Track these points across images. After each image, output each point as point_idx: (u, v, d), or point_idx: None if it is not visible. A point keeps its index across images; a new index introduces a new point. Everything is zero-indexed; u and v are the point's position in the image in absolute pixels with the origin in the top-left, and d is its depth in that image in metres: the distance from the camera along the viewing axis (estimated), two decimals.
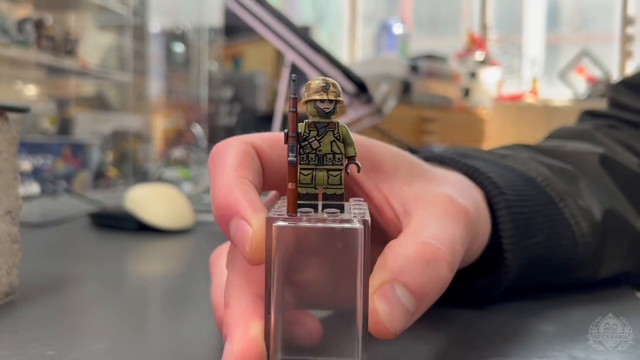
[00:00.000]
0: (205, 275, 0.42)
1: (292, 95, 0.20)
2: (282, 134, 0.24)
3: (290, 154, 0.20)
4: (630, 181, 0.39)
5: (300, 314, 0.23)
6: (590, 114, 0.48)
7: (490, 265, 0.31)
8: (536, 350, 0.25)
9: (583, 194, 0.35)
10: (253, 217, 0.20)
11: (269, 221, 0.19)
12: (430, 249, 0.22)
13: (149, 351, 0.26)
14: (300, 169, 0.20)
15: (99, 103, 2.69)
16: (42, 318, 0.30)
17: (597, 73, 3.43)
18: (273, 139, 0.25)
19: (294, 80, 0.20)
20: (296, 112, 0.20)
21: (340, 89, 0.21)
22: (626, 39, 3.64)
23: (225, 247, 0.27)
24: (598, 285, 0.36)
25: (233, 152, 0.23)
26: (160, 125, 2.99)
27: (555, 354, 0.25)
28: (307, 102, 0.21)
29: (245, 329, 0.20)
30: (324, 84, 0.21)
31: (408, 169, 0.27)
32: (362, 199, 0.23)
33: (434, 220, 0.24)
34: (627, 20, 3.63)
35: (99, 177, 2.18)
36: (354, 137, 0.27)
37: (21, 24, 2.08)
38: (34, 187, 0.97)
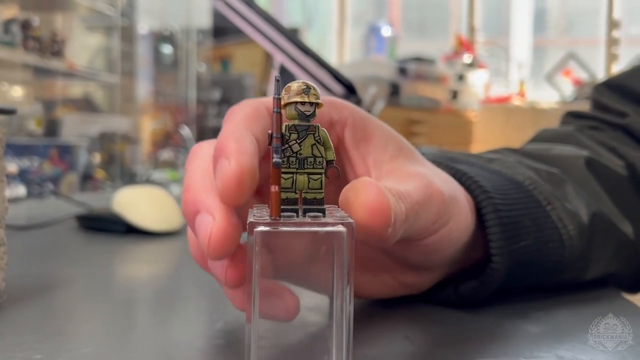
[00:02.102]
0: (194, 277, 0.42)
1: (276, 96, 0.20)
2: None
3: (275, 156, 0.20)
4: (615, 184, 0.39)
5: (278, 286, 0.23)
6: (573, 115, 0.49)
7: (478, 269, 0.31)
8: (523, 351, 0.26)
9: (570, 197, 0.35)
10: (234, 156, 0.21)
11: (251, 226, 0.19)
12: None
13: (136, 354, 0.25)
14: (281, 172, 0.20)
15: (86, 105, 2.67)
16: (29, 321, 0.30)
17: (583, 76, 3.47)
18: None
19: (277, 81, 0.20)
20: (280, 113, 0.20)
21: (319, 92, 0.21)
22: (612, 42, 3.68)
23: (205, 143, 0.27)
24: (584, 286, 0.36)
25: (244, 109, 0.24)
26: (148, 127, 2.98)
27: (541, 354, 0.25)
28: (287, 104, 0.20)
29: (228, 209, 0.21)
30: (305, 87, 0.20)
31: (398, 147, 0.28)
32: (336, 206, 0.22)
33: (394, 182, 0.25)
34: (612, 24, 3.67)
35: (87, 179, 2.17)
36: (353, 106, 0.28)
37: (7, 24, 2.06)
38: (20, 190, 0.97)
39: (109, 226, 0.58)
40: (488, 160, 0.36)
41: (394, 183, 0.25)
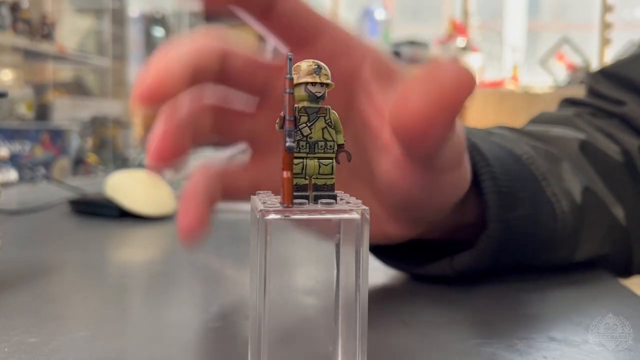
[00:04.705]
0: (188, 261, 0.42)
1: (288, 76, 0.19)
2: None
3: (288, 140, 0.19)
4: (609, 168, 0.40)
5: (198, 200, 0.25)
6: (570, 102, 0.49)
7: (474, 240, 0.31)
8: (516, 333, 0.26)
9: (565, 175, 0.36)
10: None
11: (262, 214, 0.18)
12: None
13: (132, 337, 0.26)
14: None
15: (77, 88, 2.65)
16: (23, 306, 0.29)
17: (577, 60, 3.46)
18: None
19: (290, 59, 0.19)
20: (293, 94, 0.19)
21: (329, 72, 0.20)
22: (605, 27, 3.67)
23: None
24: (577, 269, 0.36)
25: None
26: (140, 111, 2.95)
27: (534, 335, 0.25)
28: (296, 85, 0.19)
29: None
30: (316, 66, 0.19)
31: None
32: (344, 192, 0.22)
33: None
34: (606, 8, 3.67)
35: (79, 163, 2.16)
36: (371, 45, 0.28)
37: None
38: (12, 174, 0.96)
39: (102, 211, 0.58)
40: (488, 133, 0.36)
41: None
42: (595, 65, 3.24)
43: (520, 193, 0.32)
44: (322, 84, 0.20)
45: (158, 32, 3.07)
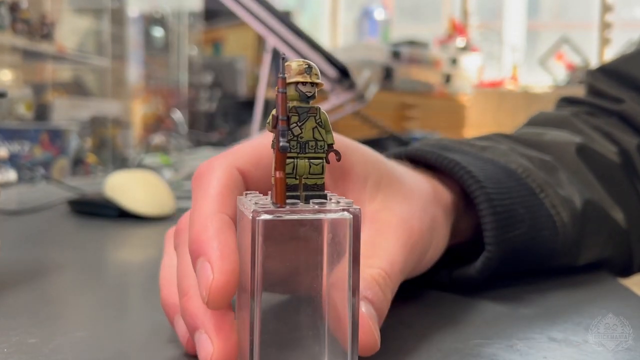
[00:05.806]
0: None
1: (281, 75, 0.19)
2: (263, 143, 0.24)
3: (281, 139, 0.19)
4: (607, 171, 0.39)
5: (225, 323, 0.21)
6: (567, 101, 0.49)
7: (474, 256, 0.31)
8: (516, 333, 0.26)
9: (563, 184, 0.35)
10: (217, 263, 0.19)
11: (254, 215, 0.18)
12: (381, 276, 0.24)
13: (131, 337, 0.26)
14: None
15: (77, 88, 2.64)
16: (22, 306, 0.29)
17: (576, 60, 3.47)
18: (257, 155, 0.24)
19: (284, 59, 0.19)
20: (286, 93, 0.19)
21: (319, 72, 0.20)
22: (605, 26, 3.68)
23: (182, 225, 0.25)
24: (577, 270, 0.36)
25: (216, 178, 0.22)
26: (139, 111, 2.95)
27: (535, 336, 0.25)
28: (286, 85, 0.19)
29: (227, 329, 0.20)
30: (306, 66, 0.19)
31: (377, 178, 0.27)
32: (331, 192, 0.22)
33: (381, 247, 0.25)
34: (605, 8, 3.67)
35: (78, 163, 2.15)
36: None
37: None
38: (11, 174, 0.96)
39: (102, 211, 0.58)
40: (481, 148, 0.36)
41: (376, 240, 0.25)
42: (594, 65, 3.25)
43: (518, 209, 0.32)
44: (312, 83, 0.19)
45: (157, 32, 3.07)
